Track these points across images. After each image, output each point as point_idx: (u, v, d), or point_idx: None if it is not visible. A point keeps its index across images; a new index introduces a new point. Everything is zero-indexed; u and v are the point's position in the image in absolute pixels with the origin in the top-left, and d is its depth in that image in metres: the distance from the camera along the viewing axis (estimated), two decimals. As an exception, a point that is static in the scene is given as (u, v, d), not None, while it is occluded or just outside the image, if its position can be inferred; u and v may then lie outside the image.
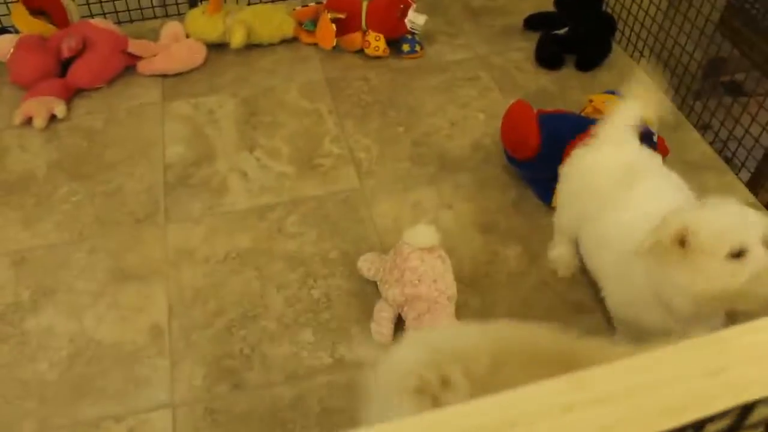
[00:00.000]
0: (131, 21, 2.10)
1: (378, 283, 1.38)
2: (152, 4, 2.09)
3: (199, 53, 1.90)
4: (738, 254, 1.00)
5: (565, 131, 1.49)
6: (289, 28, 1.96)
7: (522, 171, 1.62)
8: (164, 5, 2.12)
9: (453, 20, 2.11)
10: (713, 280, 1.02)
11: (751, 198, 1.59)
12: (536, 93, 1.86)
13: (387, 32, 1.89)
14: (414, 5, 1.88)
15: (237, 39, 1.90)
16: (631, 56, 1.98)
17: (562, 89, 1.87)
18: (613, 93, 1.73)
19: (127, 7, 2.08)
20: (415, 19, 1.86)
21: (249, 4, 2.05)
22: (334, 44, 1.87)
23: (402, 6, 1.86)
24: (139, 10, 2.09)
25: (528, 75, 1.92)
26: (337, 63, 1.96)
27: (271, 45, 2.00)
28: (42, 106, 1.72)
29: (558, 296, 1.40)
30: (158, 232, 1.52)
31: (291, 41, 2.01)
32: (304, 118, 1.79)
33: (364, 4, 1.90)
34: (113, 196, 1.60)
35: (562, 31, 1.94)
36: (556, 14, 2.04)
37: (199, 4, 2.03)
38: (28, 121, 1.73)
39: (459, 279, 1.41)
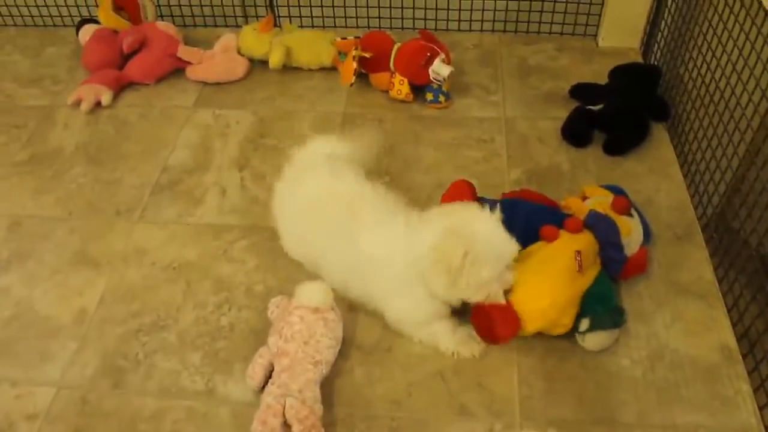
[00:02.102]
0: (215, 25, 2.30)
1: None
2: (235, 13, 2.27)
3: (240, 67, 2.03)
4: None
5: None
6: (328, 57, 2.02)
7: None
8: (245, 15, 2.28)
9: (499, 75, 2.03)
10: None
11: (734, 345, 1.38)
12: (545, 169, 1.74)
13: (411, 77, 1.88)
14: (441, 55, 1.84)
15: (274, 59, 2.00)
16: (676, 149, 1.78)
17: (575, 170, 1.74)
18: (613, 190, 1.57)
19: (213, 13, 2.28)
20: (438, 69, 1.82)
21: (302, 27, 2.15)
22: (352, 82, 1.89)
23: (429, 54, 1.83)
24: (223, 17, 2.28)
25: (547, 148, 1.80)
26: (361, 99, 1.98)
27: (311, 70, 2.07)
28: (91, 92, 1.96)
29: (447, 393, 1.34)
30: (128, 228, 1.68)
31: (331, 70, 2.07)
32: (303, 148, 1.84)
33: (395, 46, 1.90)
34: (111, 185, 1.78)
35: (596, 107, 1.79)
36: (605, 86, 1.89)
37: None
38: (78, 103, 1.97)
39: (358, 346, 1.41)
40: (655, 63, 2.02)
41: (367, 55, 1.88)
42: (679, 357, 1.37)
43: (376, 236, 1.35)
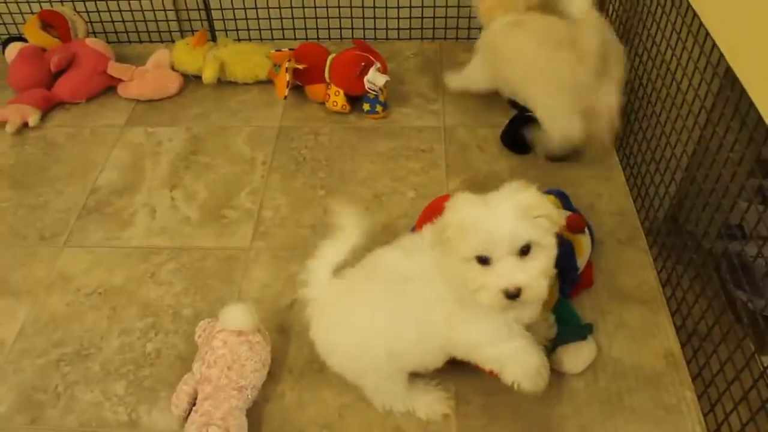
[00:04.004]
0: (150, 41, 2.23)
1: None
2: (169, 28, 2.21)
3: (173, 83, 1.97)
4: (483, 261, 1.01)
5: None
6: (263, 71, 1.97)
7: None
8: (180, 30, 2.22)
9: (439, 84, 1.99)
10: (461, 281, 1.04)
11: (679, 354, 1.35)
12: (485, 177, 1.70)
13: (347, 88, 1.83)
14: (377, 64, 1.80)
15: (208, 74, 1.94)
16: (619, 153, 1.75)
17: (516, 177, 1.66)
18: (553, 193, 1.53)
19: (147, 28, 2.21)
20: (373, 79, 1.78)
21: (239, 40, 2.09)
22: (286, 94, 1.84)
23: (363, 64, 1.79)
24: (158, 33, 2.22)
25: (487, 156, 1.76)
26: (297, 113, 1.93)
27: (247, 85, 2.02)
28: (17, 113, 1.89)
29: (380, 415, 1.28)
30: (53, 254, 1.60)
31: (267, 83, 2.01)
32: (237, 165, 1.78)
33: (330, 57, 1.85)
34: (36, 210, 1.70)
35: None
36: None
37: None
38: (3, 125, 1.90)
39: (289, 368, 1.35)
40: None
41: (300, 66, 1.83)
42: (623, 366, 1.33)
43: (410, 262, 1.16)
